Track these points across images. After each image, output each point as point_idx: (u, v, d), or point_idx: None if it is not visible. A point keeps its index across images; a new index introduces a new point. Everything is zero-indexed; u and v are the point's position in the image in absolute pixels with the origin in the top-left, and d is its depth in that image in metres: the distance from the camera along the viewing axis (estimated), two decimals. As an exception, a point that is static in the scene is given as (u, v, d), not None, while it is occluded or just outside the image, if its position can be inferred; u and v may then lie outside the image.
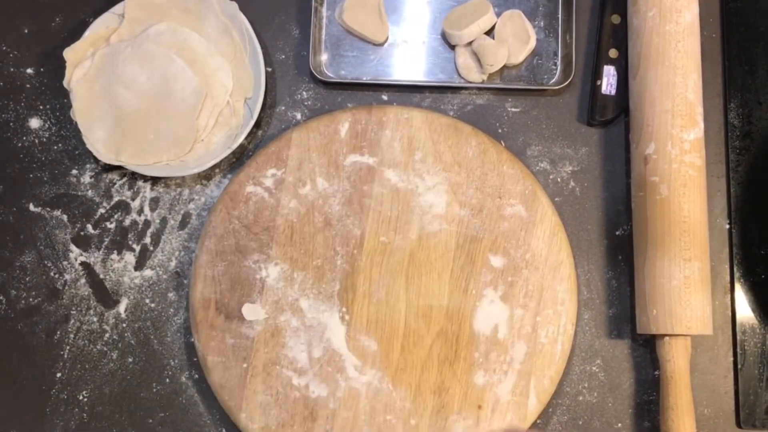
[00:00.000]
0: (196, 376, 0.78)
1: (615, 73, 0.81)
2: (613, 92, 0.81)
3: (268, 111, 0.83)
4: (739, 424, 0.77)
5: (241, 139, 0.79)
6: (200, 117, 0.80)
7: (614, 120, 0.82)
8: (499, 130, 0.83)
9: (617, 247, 0.80)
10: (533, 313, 0.76)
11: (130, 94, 0.79)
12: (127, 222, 0.81)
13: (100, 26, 0.82)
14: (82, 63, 0.80)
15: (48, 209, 0.82)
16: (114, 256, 0.81)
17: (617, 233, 0.80)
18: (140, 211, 0.81)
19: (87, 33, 0.81)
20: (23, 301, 0.80)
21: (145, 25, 0.81)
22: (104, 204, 0.82)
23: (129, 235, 0.81)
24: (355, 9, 0.83)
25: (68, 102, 0.81)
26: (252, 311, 0.76)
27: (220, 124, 0.81)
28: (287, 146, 0.79)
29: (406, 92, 0.84)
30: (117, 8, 0.82)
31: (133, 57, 0.79)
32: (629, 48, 0.80)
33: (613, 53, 0.82)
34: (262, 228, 0.78)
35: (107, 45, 0.81)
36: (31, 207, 0.82)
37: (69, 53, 0.80)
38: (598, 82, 0.81)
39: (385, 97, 0.84)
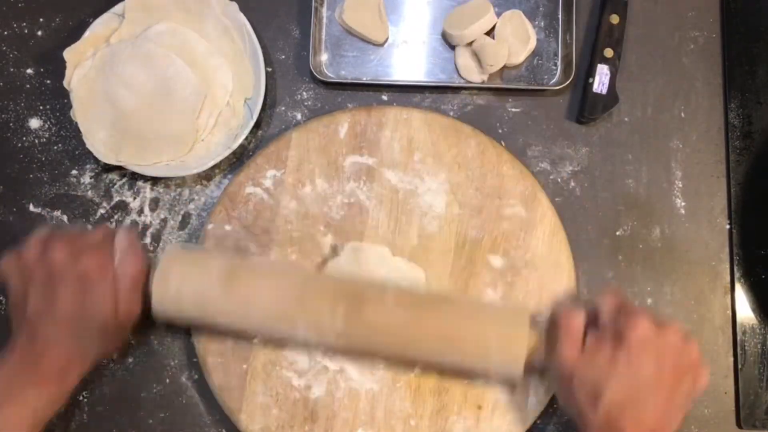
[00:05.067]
0: (196, 376, 0.78)
1: (608, 72, 0.81)
2: (604, 91, 0.81)
3: (268, 111, 0.83)
4: (739, 425, 0.77)
5: (241, 140, 0.79)
6: (200, 117, 0.80)
7: (601, 118, 0.82)
8: (500, 131, 0.82)
9: (617, 247, 0.80)
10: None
11: (130, 95, 0.79)
12: (127, 222, 0.81)
13: (100, 26, 0.82)
14: (82, 63, 0.80)
15: (48, 209, 0.82)
16: (114, 256, 0.81)
17: (617, 233, 0.80)
18: (140, 212, 0.81)
19: (87, 33, 0.81)
20: (23, 302, 0.80)
21: (145, 26, 0.81)
22: (104, 204, 0.82)
23: (129, 236, 0.81)
24: (355, 9, 0.83)
25: (68, 102, 0.81)
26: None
27: (220, 125, 0.81)
28: (287, 147, 0.79)
29: (406, 92, 0.84)
30: (117, 8, 0.82)
31: (133, 57, 0.79)
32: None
33: (608, 52, 0.82)
34: (261, 229, 0.78)
35: (107, 45, 0.81)
36: (31, 207, 0.82)
37: (69, 53, 0.80)
38: (590, 80, 0.81)
39: (385, 98, 0.84)
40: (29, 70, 0.85)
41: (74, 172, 0.83)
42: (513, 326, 0.69)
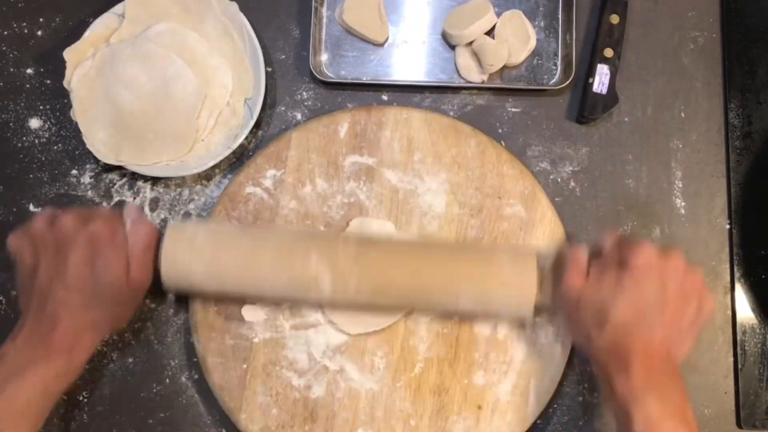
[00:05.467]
0: (196, 376, 0.78)
1: (608, 72, 0.81)
2: (604, 91, 0.81)
3: (268, 111, 0.83)
4: (739, 424, 0.77)
5: (241, 139, 0.79)
6: (200, 117, 0.80)
7: (601, 118, 0.82)
8: (500, 130, 0.82)
9: (617, 248, 0.80)
10: (533, 313, 0.76)
11: (131, 95, 0.79)
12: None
13: (100, 26, 0.82)
14: (83, 63, 0.80)
15: (48, 209, 0.82)
16: (114, 256, 0.81)
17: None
18: (140, 212, 0.81)
19: (87, 33, 0.81)
20: (23, 302, 0.80)
21: (145, 26, 0.81)
22: (104, 204, 0.82)
23: (129, 236, 0.81)
24: (355, 9, 0.83)
25: (68, 102, 0.81)
26: (252, 312, 0.76)
27: (220, 125, 0.81)
28: (286, 147, 0.79)
29: (406, 92, 0.84)
30: (117, 8, 0.82)
31: (133, 57, 0.79)
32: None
33: (608, 52, 0.82)
34: (261, 229, 0.78)
35: (107, 45, 0.81)
36: (31, 207, 0.82)
37: (69, 53, 0.80)
38: (590, 80, 0.81)
39: (385, 98, 0.84)
40: (29, 70, 0.85)
41: (74, 172, 0.83)
42: (522, 265, 0.70)
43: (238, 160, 0.82)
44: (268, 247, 0.71)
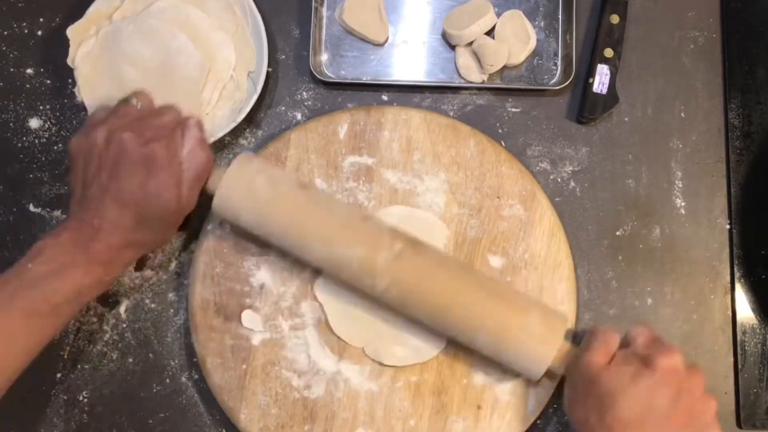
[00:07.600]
0: (196, 376, 0.78)
1: (608, 72, 0.81)
2: (605, 91, 0.81)
3: (268, 111, 0.83)
4: (739, 425, 0.77)
5: (245, 113, 0.79)
6: (204, 91, 0.80)
7: (601, 118, 0.82)
8: (500, 131, 0.82)
9: (617, 247, 0.80)
10: (533, 313, 0.76)
11: (135, 71, 0.79)
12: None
13: (102, 4, 0.82)
14: (86, 41, 0.81)
15: (48, 209, 0.82)
16: (114, 256, 0.81)
17: (617, 233, 0.80)
18: (140, 212, 0.81)
19: (89, 11, 0.81)
20: (23, 302, 0.80)
21: (147, 2, 0.81)
22: (104, 204, 0.82)
23: (129, 236, 0.81)
24: (355, 9, 0.83)
25: (68, 102, 0.82)
26: (251, 320, 0.75)
27: (225, 98, 0.82)
28: (286, 147, 0.79)
29: (406, 92, 0.84)
30: (119, -14, 0.82)
31: (136, 34, 0.80)
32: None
33: (608, 52, 0.82)
34: (260, 229, 0.78)
35: (110, 23, 0.81)
36: (31, 207, 0.82)
37: (72, 31, 0.80)
38: (590, 80, 0.81)
39: (385, 98, 0.84)
40: (29, 70, 0.85)
41: (74, 172, 0.83)
42: (551, 326, 0.69)
43: (237, 160, 0.82)
44: (318, 216, 0.70)
